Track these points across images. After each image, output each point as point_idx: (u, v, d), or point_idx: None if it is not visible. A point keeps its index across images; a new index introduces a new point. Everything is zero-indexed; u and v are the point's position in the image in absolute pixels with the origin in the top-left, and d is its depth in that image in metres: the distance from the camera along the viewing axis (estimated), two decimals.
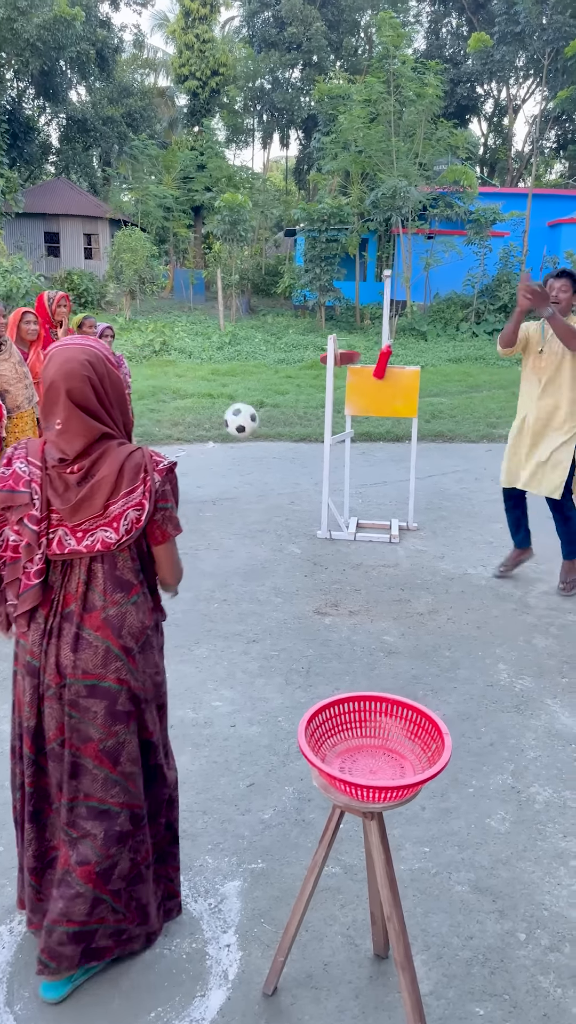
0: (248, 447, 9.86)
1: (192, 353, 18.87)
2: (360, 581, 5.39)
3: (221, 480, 8.13)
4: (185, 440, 10.13)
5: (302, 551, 5.97)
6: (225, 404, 12.23)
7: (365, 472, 8.53)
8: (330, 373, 6.06)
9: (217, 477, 8.25)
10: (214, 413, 11.37)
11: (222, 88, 36.10)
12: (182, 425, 10.69)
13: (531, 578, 5.53)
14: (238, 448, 9.81)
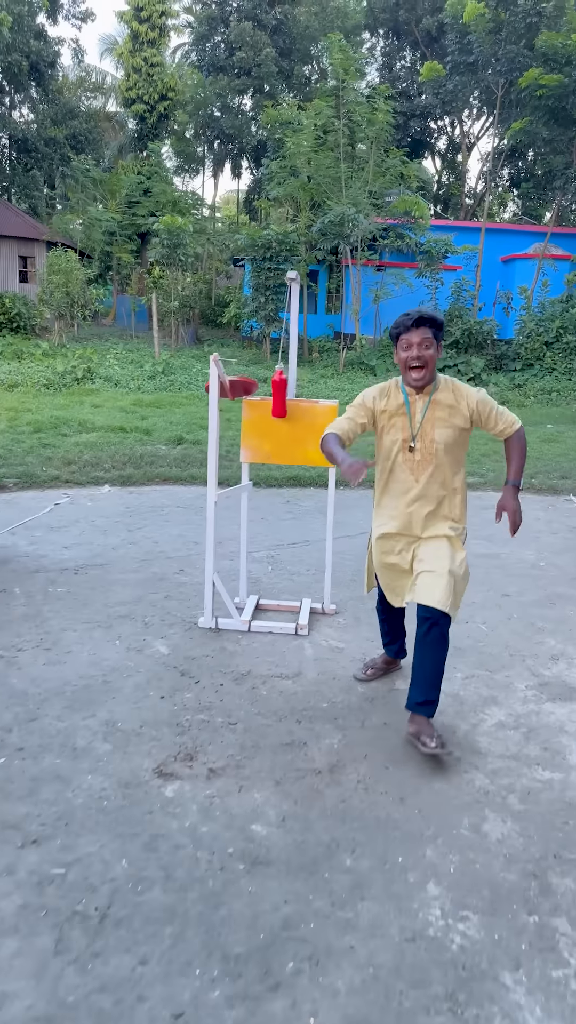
0: (151, 493, 8.24)
1: (119, 382, 17.23)
2: (240, 706, 3.75)
3: (100, 537, 6.46)
4: (75, 482, 8.45)
5: (171, 651, 4.32)
6: (138, 439, 10.62)
7: (284, 527, 6.95)
8: (213, 406, 4.48)
9: (96, 533, 6.58)
10: (119, 451, 9.72)
11: (170, 113, 34.96)
12: (76, 464, 9.01)
13: (482, 697, 3.96)
14: (138, 494, 8.17)
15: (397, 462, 3.44)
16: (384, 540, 3.54)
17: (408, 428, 3.39)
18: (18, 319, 25.08)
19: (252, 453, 4.82)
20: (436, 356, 3.28)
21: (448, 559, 3.32)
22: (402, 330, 3.29)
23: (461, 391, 3.38)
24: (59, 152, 34.11)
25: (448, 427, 3.35)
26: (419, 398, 3.36)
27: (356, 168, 23.82)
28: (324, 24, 32.71)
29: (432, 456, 3.36)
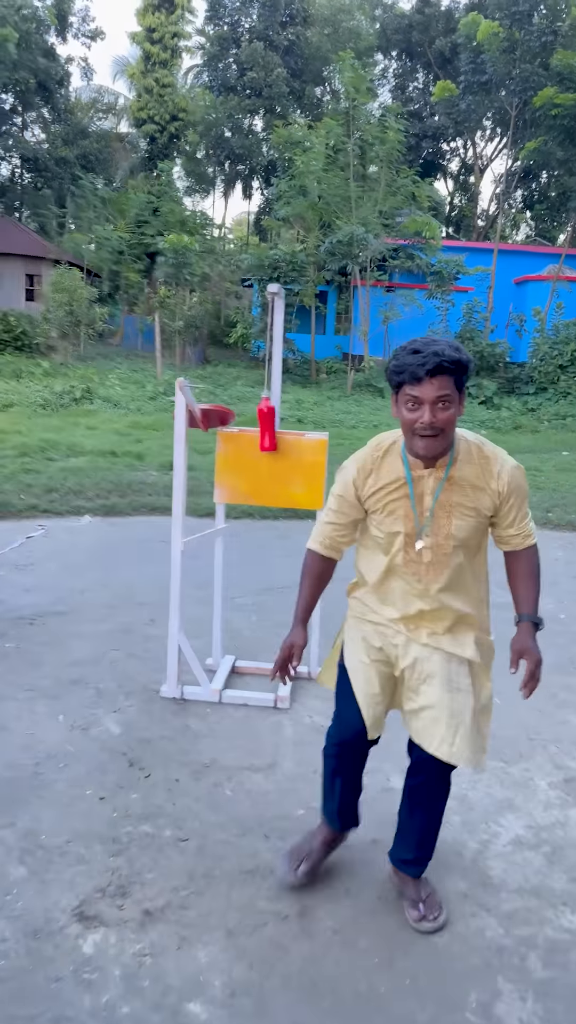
0: (135, 524, 7.58)
1: (119, 403, 16.65)
2: (196, 813, 3.05)
3: (68, 578, 5.79)
4: (54, 512, 7.80)
5: (122, 731, 3.62)
6: (128, 465, 9.98)
7: (276, 567, 6.25)
8: (179, 439, 3.82)
9: (65, 573, 5.91)
10: (106, 477, 9.08)
11: (181, 133, 34.71)
12: (58, 492, 8.36)
13: (496, 801, 3.24)
14: (121, 525, 7.51)
15: (396, 565, 2.34)
16: (374, 626, 2.46)
17: (413, 517, 2.27)
18: (23, 337, 24.62)
19: (228, 493, 4.15)
20: (458, 415, 2.13)
21: (471, 696, 2.38)
22: (408, 379, 2.09)
23: (491, 462, 2.24)
24: (69, 172, 33.86)
25: (470, 515, 2.26)
26: (429, 473, 2.23)
27: (366, 188, 23.34)
28: (336, 45, 32.44)
29: (447, 557, 2.29)
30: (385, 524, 2.31)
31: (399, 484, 2.27)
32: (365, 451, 2.34)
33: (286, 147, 25.08)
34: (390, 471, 2.28)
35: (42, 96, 31.84)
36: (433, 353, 2.04)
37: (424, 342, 2.08)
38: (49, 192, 35.08)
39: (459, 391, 2.13)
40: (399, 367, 2.10)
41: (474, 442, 2.27)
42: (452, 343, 2.07)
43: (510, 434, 16.36)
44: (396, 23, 35.22)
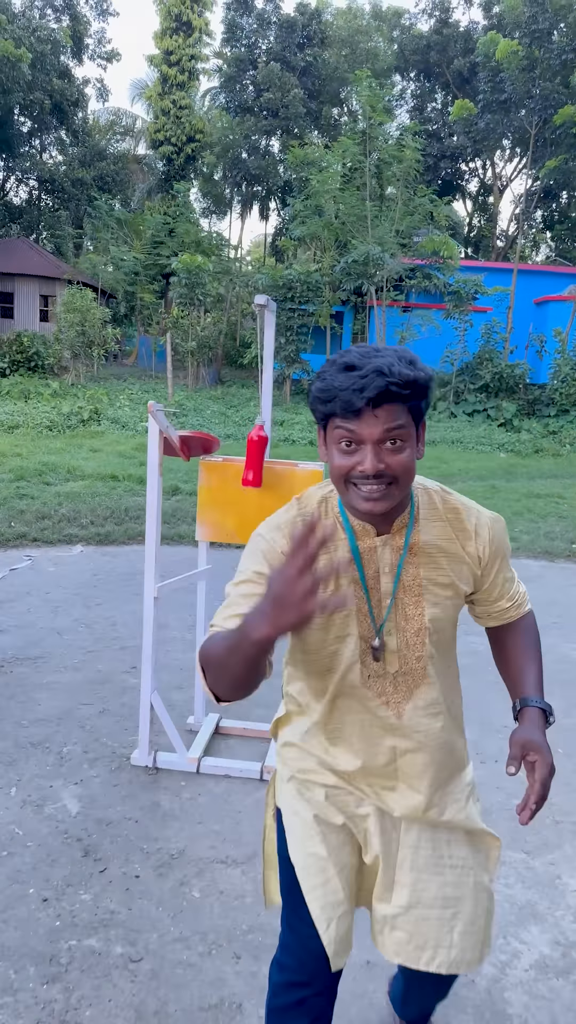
0: (128, 554, 7.12)
1: (126, 424, 16.30)
2: (155, 921, 2.54)
3: (47, 616, 5.32)
4: (44, 541, 7.36)
5: (81, 809, 3.13)
6: (128, 489, 9.55)
7: None
8: (153, 469, 3.36)
9: (45, 610, 5.45)
10: (103, 503, 8.65)
11: (198, 154, 34.71)
12: (50, 520, 7.93)
13: (516, 906, 2.71)
14: (113, 555, 7.05)
15: (349, 686, 1.56)
16: (325, 791, 1.64)
17: (367, 610, 1.53)
18: (36, 358, 24.46)
19: (212, 530, 3.67)
20: (417, 456, 1.44)
21: (469, 870, 1.66)
22: (339, 410, 1.36)
23: (462, 516, 1.57)
24: (86, 193, 33.92)
25: (446, 596, 1.56)
26: (384, 542, 1.52)
27: (383, 207, 23.03)
28: (353, 66, 32.31)
29: (422, 661, 1.56)
30: (323, 630, 1.52)
31: (341, 561, 1.51)
32: (287, 514, 1.54)
33: (302, 167, 24.88)
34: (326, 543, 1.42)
35: (58, 117, 31.88)
36: (376, 371, 1.30)
37: (362, 353, 1.36)
38: (66, 213, 35.16)
39: (417, 422, 1.41)
40: (325, 392, 1.36)
41: (435, 491, 1.58)
42: (403, 353, 1.37)
43: (531, 457, 15.81)
44: (414, 44, 35.11)
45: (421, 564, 1.53)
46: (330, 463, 1.42)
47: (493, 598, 1.67)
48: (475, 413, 20.93)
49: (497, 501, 10.28)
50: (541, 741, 1.51)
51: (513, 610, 1.71)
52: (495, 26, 30.20)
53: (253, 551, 1.51)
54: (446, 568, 1.55)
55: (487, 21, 33.62)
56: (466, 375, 22.13)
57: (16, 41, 23.26)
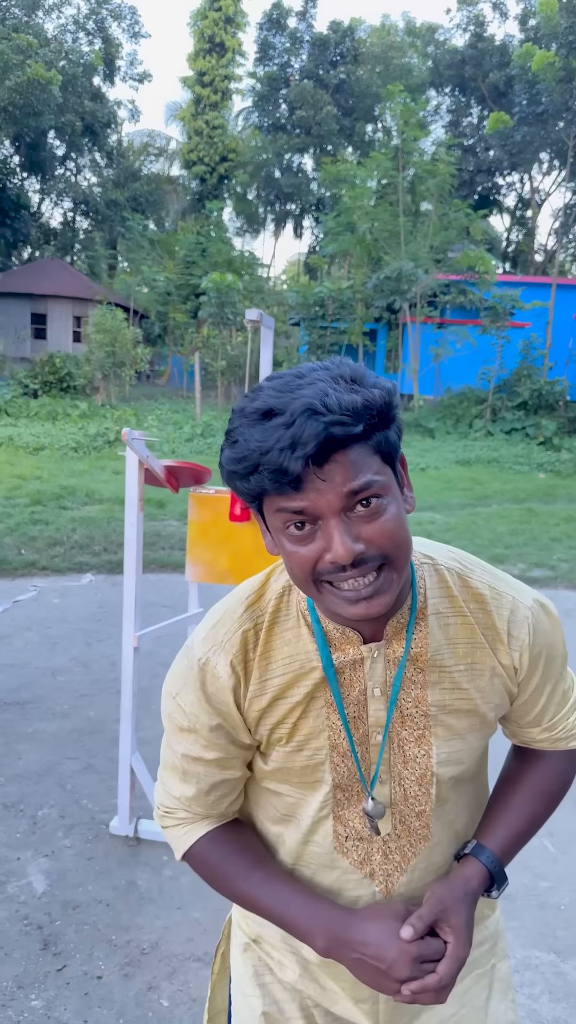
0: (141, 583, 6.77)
1: (153, 445, 16.06)
2: None
3: (44, 654, 5.02)
4: (53, 570, 7.09)
5: (47, 888, 2.78)
6: (147, 514, 9.26)
7: None
8: (131, 504, 3.04)
9: (43, 648, 5.14)
10: (118, 528, 8.37)
11: (231, 173, 34.83)
12: (62, 546, 7.67)
13: (542, 1020, 2.29)
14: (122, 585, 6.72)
15: (315, 851, 1.10)
16: (291, 996, 1.20)
17: (348, 751, 1.06)
18: (68, 379, 24.53)
19: (202, 570, 3.33)
20: (407, 509, 0.96)
21: None
22: (270, 484, 0.88)
23: (488, 606, 1.07)
24: (120, 214, 34.24)
25: (466, 726, 1.08)
26: (374, 653, 1.04)
27: (417, 223, 22.72)
28: (387, 82, 32.19)
29: (426, 821, 1.09)
30: (285, 771, 1.08)
31: (311, 684, 1.04)
32: (228, 618, 1.06)
33: (335, 184, 24.71)
34: (286, 655, 1.04)
35: (91, 139, 32.25)
36: (305, 411, 0.85)
37: (279, 387, 0.89)
38: (100, 234, 35.50)
39: (392, 461, 0.94)
40: (242, 462, 0.89)
41: (451, 570, 1.08)
42: (338, 368, 0.90)
43: (572, 478, 15.26)
44: (449, 58, 34.90)
45: (431, 683, 1.05)
46: (284, 557, 0.96)
47: (526, 722, 1.15)
48: (513, 431, 20.37)
49: (535, 526, 9.81)
50: (465, 921, 1.01)
51: (548, 743, 1.17)
52: (531, 38, 29.84)
53: (192, 684, 1.05)
54: (467, 688, 1.06)
55: (523, 34, 33.29)
56: (503, 392, 21.61)
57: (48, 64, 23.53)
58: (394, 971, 0.96)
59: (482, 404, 21.43)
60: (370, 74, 34.55)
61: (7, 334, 28.18)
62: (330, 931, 1.01)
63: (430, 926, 1.00)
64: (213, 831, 1.11)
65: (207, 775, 1.08)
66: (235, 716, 1.04)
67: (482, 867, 1.08)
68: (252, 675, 1.03)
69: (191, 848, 1.10)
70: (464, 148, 33.24)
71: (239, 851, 1.11)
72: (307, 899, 1.06)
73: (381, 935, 0.98)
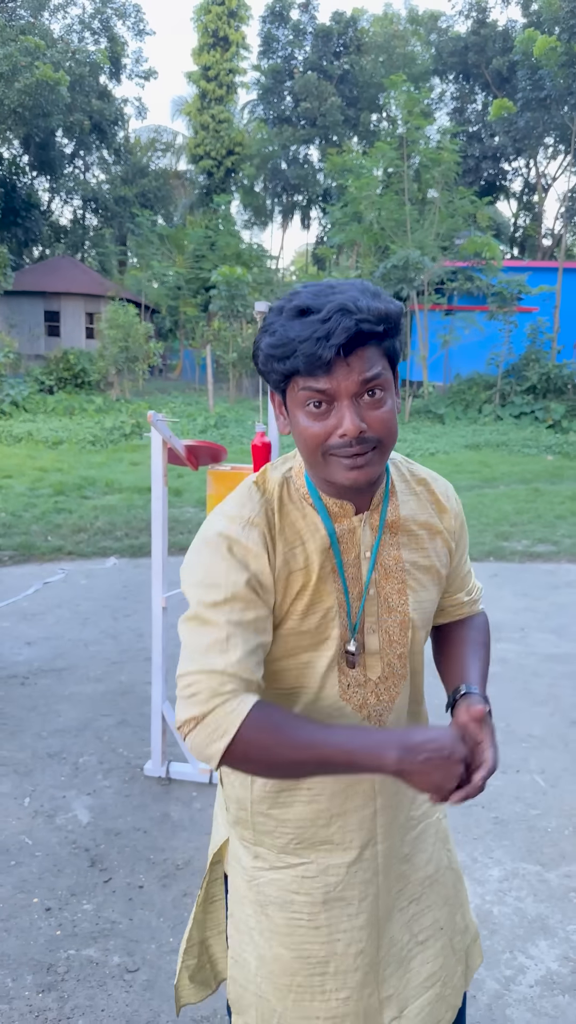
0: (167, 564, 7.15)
1: (174, 427, 16.47)
2: (155, 931, 2.54)
3: (75, 629, 5.39)
4: (79, 554, 7.46)
5: (92, 819, 3.15)
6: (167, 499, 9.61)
7: None
8: (157, 479, 3.39)
9: (74, 622, 5.52)
10: (139, 515, 8.74)
11: (237, 167, 35.08)
12: (86, 532, 8.05)
13: (527, 919, 2.63)
14: (145, 567, 7.10)
15: (324, 703, 1.29)
16: (309, 903, 1.32)
17: (344, 607, 1.27)
18: (82, 375, 24.94)
19: None
20: (397, 409, 1.21)
21: (449, 939, 1.46)
22: (303, 366, 1.12)
23: (431, 486, 1.40)
24: (129, 210, 34.59)
25: (429, 580, 1.36)
26: (361, 521, 1.29)
27: (424, 211, 22.91)
28: (391, 71, 32.31)
29: (404, 661, 1.34)
30: (300, 635, 1.25)
31: (319, 551, 1.24)
32: (248, 500, 1.25)
33: (341, 174, 24.92)
34: (298, 531, 1.25)
35: (98, 137, 32.60)
36: (340, 310, 1.08)
37: (315, 292, 1.13)
38: (110, 231, 35.88)
39: (393, 365, 1.20)
40: (281, 347, 1.12)
41: (400, 461, 1.40)
42: (364, 285, 1.15)
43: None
44: (451, 46, 34.93)
45: (403, 544, 1.32)
46: (296, 432, 1.18)
47: (453, 588, 1.46)
48: (522, 415, 20.58)
49: (540, 504, 10.09)
50: (491, 733, 1.21)
51: (469, 606, 1.50)
52: (534, 23, 29.84)
53: (222, 554, 1.19)
54: (428, 547, 1.35)
55: (525, 19, 33.26)
56: (512, 377, 21.81)
57: (55, 65, 23.90)
58: (457, 752, 1.10)
59: (491, 389, 21.65)
60: (373, 64, 34.66)
61: (21, 332, 28.62)
62: (400, 742, 1.10)
63: (474, 722, 1.19)
64: (260, 701, 1.15)
65: (249, 638, 1.16)
66: (267, 576, 1.20)
67: (480, 699, 1.30)
68: (277, 547, 1.23)
69: (247, 719, 1.11)
70: (469, 135, 33.29)
71: (286, 712, 1.18)
72: (366, 730, 1.17)
73: (439, 733, 1.12)
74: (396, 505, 1.32)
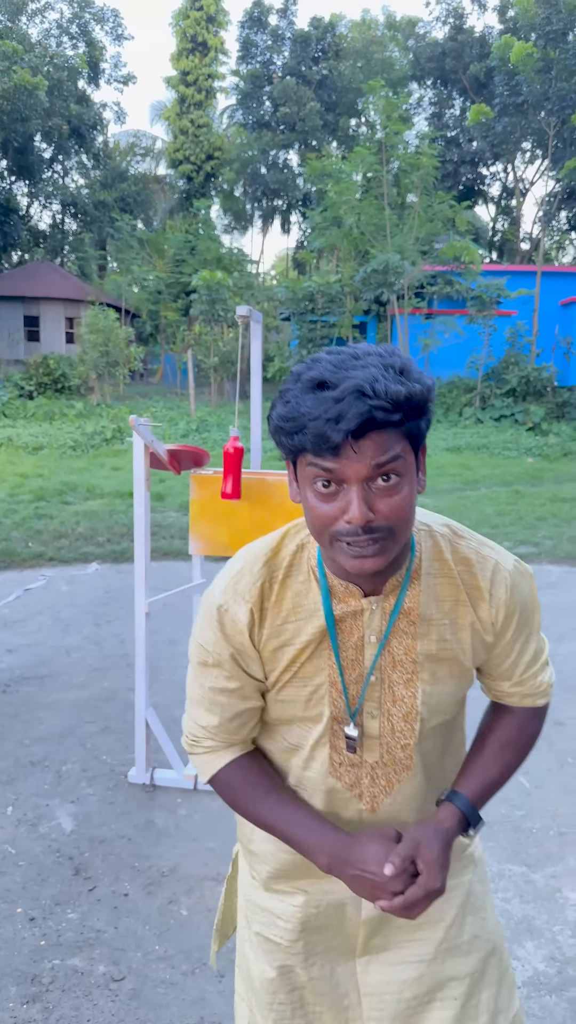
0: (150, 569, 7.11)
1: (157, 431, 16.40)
2: (140, 939, 2.52)
3: (57, 635, 5.35)
4: (60, 560, 7.42)
5: (75, 827, 3.12)
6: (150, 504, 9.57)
7: None
8: (139, 483, 3.37)
9: (55, 629, 5.48)
10: (120, 520, 8.70)
11: (217, 171, 35.10)
12: (67, 538, 8.00)
13: (513, 920, 2.64)
14: (127, 573, 7.07)
15: (312, 777, 1.29)
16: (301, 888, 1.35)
17: (341, 687, 1.24)
18: (62, 380, 24.82)
19: (204, 543, 3.66)
20: (419, 491, 1.14)
21: (493, 939, 1.39)
22: (311, 445, 1.04)
23: (475, 569, 1.24)
24: (108, 215, 34.53)
25: (447, 673, 1.26)
26: (372, 606, 1.22)
27: (403, 215, 23.03)
28: (369, 76, 32.48)
29: (409, 751, 1.27)
30: (291, 705, 1.25)
31: (316, 630, 1.21)
32: (250, 570, 1.23)
33: (320, 179, 25.01)
34: (297, 605, 1.22)
35: (77, 141, 32.52)
36: (355, 392, 1.00)
37: (336, 363, 1.05)
38: (89, 235, 35.77)
39: (416, 448, 1.11)
40: (291, 421, 1.05)
41: (444, 535, 1.25)
42: (390, 358, 1.06)
43: (559, 461, 15.60)
44: (429, 51, 35.16)
45: (420, 634, 1.22)
46: (304, 508, 1.12)
47: (496, 675, 1.31)
48: (502, 418, 20.71)
49: (520, 506, 10.15)
50: (436, 856, 1.17)
51: (518, 698, 1.34)
52: (510, 29, 30.13)
53: (213, 625, 1.22)
54: (449, 639, 1.23)
55: (502, 25, 33.56)
56: (492, 380, 21.95)
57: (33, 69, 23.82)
58: (389, 885, 1.14)
59: (471, 392, 21.78)
60: (352, 69, 34.82)
61: (0, 337, 28.46)
62: (333, 850, 1.18)
63: (408, 860, 1.16)
64: (236, 759, 1.28)
65: (230, 704, 1.25)
66: (251, 651, 1.21)
67: (456, 810, 1.25)
68: (267, 620, 1.21)
69: (217, 773, 1.28)
70: (447, 140, 33.52)
71: (257, 777, 1.28)
72: (314, 822, 1.23)
73: (377, 854, 1.16)
74: (417, 591, 1.21)
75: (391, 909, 1.15)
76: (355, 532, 1.05)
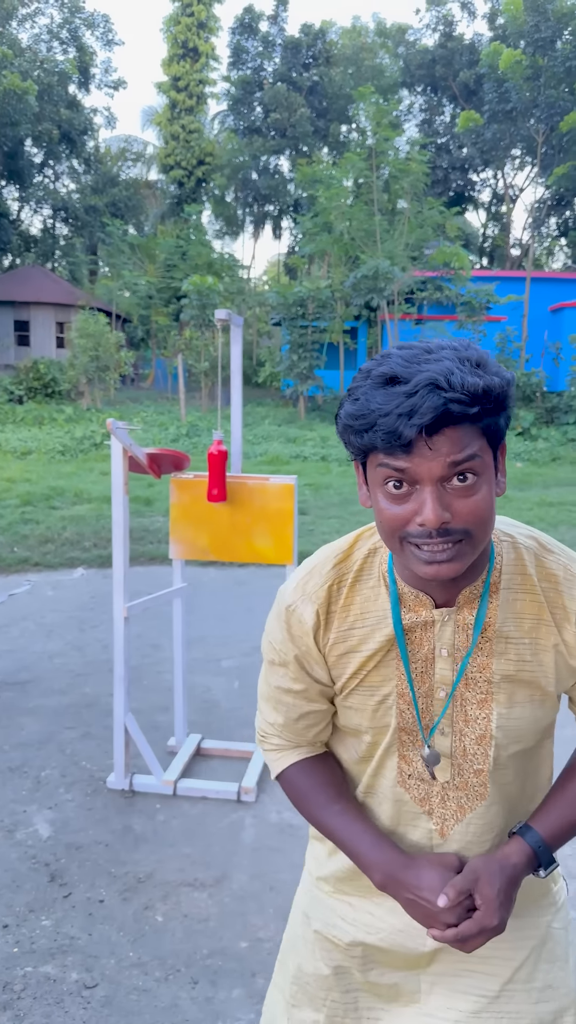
0: (131, 575, 7.08)
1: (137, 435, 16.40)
2: (114, 946, 2.50)
3: (40, 641, 5.33)
4: (46, 565, 7.39)
5: (52, 833, 3.10)
6: (135, 510, 9.58)
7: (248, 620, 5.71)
8: (118, 488, 3.36)
9: (38, 635, 5.45)
10: (106, 525, 8.69)
11: (208, 177, 35.17)
12: (53, 543, 7.98)
13: None
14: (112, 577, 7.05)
15: (381, 786, 1.23)
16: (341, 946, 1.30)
17: (411, 698, 1.17)
18: (52, 384, 24.79)
19: (184, 548, 3.65)
20: (498, 493, 1.06)
21: None
22: (382, 442, 0.97)
23: (560, 586, 1.15)
24: (99, 220, 34.55)
25: (527, 697, 1.16)
26: (444, 618, 1.14)
27: (393, 221, 23.12)
28: (359, 83, 32.63)
29: (484, 776, 1.17)
30: (359, 712, 1.20)
31: (383, 639, 1.15)
32: (319, 569, 1.19)
33: (311, 185, 25.09)
34: (365, 612, 1.16)
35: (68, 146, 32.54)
36: (429, 385, 0.94)
37: (408, 357, 0.98)
38: (80, 240, 35.79)
39: (495, 446, 1.04)
40: (360, 418, 0.98)
41: (528, 548, 1.16)
42: (465, 351, 0.99)
43: (548, 466, 15.66)
44: (419, 58, 35.34)
45: (497, 652, 1.13)
46: (375, 511, 1.04)
47: None
48: None
49: (508, 511, 10.17)
50: (497, 892, 1.09)
51: None
52: (499, 37, 30.30)
53: (282, 624, 1.20)
54: (530, 660, 1.13)
55: (491, 33, 33.75)
56: None
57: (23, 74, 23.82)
58: (442, 915, 1.08)
59: None
60: (342, 75, 34.96)
61: None
62: (390, 869, 1.13)
63: (465, 893, 1.09)
64: (303, 760, 1.25)
65: (295, 705, 1.22)
66: (315, 654, 1.17)
67: (526, 846, 1.15)
68: (333, 624, 1.16)
69: (283, 772, 1.26)
70: (437, 146, 33.68)
71: (323, 783, 1.23)
72: (375, 838, 1.17)
73: (433, 881, 1.10)
74: (495, 606, 1.13)
75: (443, 940, 1.10)
76: (428, 534, 0.98)
